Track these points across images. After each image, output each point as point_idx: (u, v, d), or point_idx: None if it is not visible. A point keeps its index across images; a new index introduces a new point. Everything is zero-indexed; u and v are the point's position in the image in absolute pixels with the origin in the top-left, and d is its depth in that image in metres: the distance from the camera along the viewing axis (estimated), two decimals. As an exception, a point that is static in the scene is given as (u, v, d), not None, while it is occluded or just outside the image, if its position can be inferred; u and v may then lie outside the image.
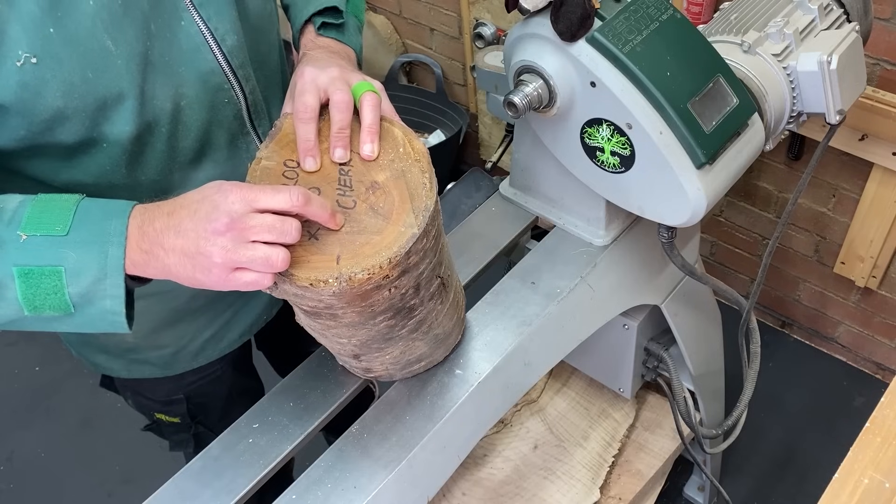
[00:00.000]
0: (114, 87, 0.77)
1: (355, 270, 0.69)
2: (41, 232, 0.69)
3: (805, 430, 2.00)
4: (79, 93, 0.75)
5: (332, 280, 0.69)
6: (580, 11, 0.84)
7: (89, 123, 0.78)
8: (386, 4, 2.56)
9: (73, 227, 0.69)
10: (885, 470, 0.83)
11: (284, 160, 0.77)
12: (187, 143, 0.87)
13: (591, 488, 1.46)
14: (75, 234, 0.69)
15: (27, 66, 0.71)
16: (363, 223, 0.73)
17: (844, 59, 1.03)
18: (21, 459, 2.16)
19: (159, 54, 0.80)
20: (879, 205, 1.74)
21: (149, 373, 1.13)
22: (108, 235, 0.69)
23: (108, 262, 0.69)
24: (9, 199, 0.72)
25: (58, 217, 0.70)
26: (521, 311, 1.00)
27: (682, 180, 0.89)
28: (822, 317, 2.13)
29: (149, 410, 1.23)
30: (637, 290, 1.19)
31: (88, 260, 0.69)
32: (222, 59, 0.86)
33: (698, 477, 1.88)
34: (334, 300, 0.73)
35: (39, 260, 0.69)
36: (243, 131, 0.92)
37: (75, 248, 0.69)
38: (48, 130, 0.76)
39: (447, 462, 0.94)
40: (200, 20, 0.83)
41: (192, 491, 0.87)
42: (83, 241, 0.69)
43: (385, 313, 0.79)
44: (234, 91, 0.89)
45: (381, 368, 0.92)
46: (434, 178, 0.76)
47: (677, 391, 1.37)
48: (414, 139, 0.79)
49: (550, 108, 0.93)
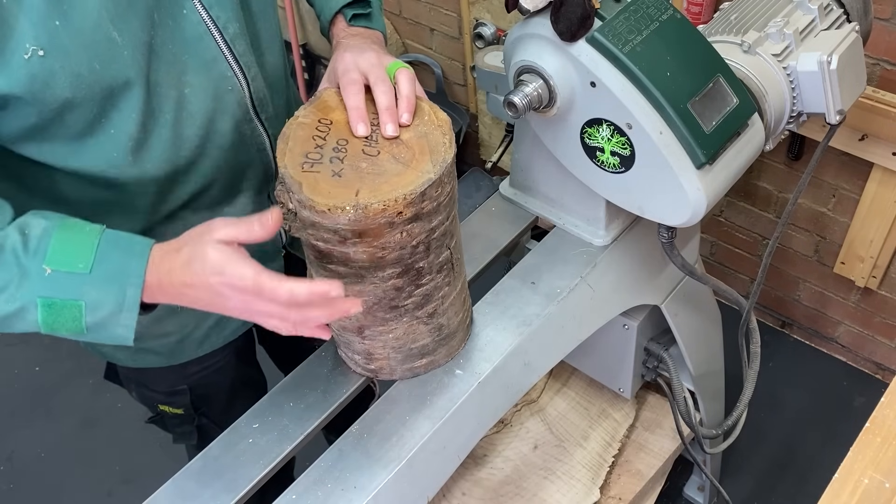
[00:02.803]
0: (120, 77, 0.79)
1: (371, 201, 0.74)
2: (65, 268, 0.74)
3: (805, 430, 2.00)
4: (86, 83, 0.76)
5: (350, 207, 0.74)
6: (580, 11, 0.84)
7: (97, 110, 0.79)
8: (386, 4, 2.56)
9: (95, 265, 0.74)
10: (885, 470, 0.83)
11: (318, 119, 0.84)
12: (192, 130, 0.88)
13: (591, 488, 1.46)
14: (97, 272, 0.74)
15: (35, 58, 0.72)
16: (384, 167, 0.79)
17: (844, 59, 1.03)
18: (21, 459, 2.16)
19: (162, 43, 0.82)
20: (879, 205, 1.74)
21: (153, 362, 1.13)
22: (128, 276, 0.75)
23: (126, 300, 0.75)
24: (33, 224, 0.75)
25: (81, 253, 0.74)
26: (521, 311, 1.00)
27: (682, 180, 0.89)
28: (822, 317, 2.13)
29: (152, 402, 1.24)
30: (637, 290, 1.19)
31: (107, 297, 0.75)
32: (225, 47, 0.88)
33: (698, 477, 1.88)
34: (349, 231, 0.76)
35: (62, 294, 0.74)
36: (247, 119, 0.94)
37: (96, 285, 0.74)
38: (58, 117, 0.78)
39: (447, 462, 0.94)
40: (202, 8, 0.84)
41: (192, 491, 0.87)
42: (104, 279, 0.74)
43: (394, 266, 0.81)
44: (237, 79, 0.90)
45: (382, 355, 0.92)
46: (453, 139, 0.83)
47: (677, 391, 1.37)
48: (439, 111, 0.87)
49: (550, 108, 0.93)
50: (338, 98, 0.87)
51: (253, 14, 0.92)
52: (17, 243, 0.74)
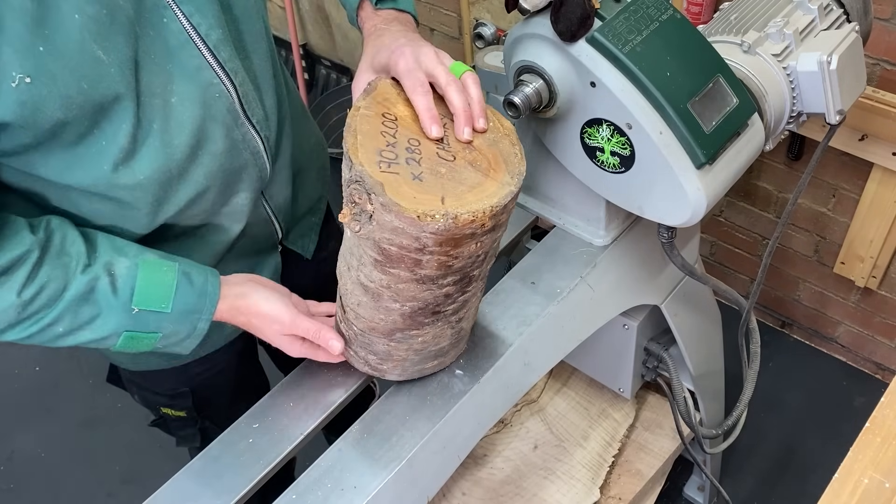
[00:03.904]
0: (110, 94, 0.78)
1: (461, 211, 0.72)
2: (151, 308, 0.87)
3: (805, 430, 2.00)
4: (77, 103, 0.76)
5: (440, 216, 0.71)
6: (580, 11, 0.84)
7: (88, 124, 0.79)
8: (386, 4, 2.55)
9: (174, 305, 0.88)
10: (885, 470, 0.83)
11: (381, 112, 0.82)
12: (181, 139, 0.87)
13: (591, 488, 1.46)
14: (175, 310, 0.88)
15: (22, 85, 0.71)
16: (462, 175, 0.77)
17: (844, 59, 1.03)
18: (21, 459, 2.16)
19: (145, 54, 0.81)
20: (879, 205, 1.74)
21: (155, 364, 1.13)
22: (200, 314, 0.90)
23: (195, 331, 0.91)
24: (117, 264, 0.86)
25: (163, 294, 0.87)
26: (521, 311, 1.00)
27: (682, 180, 0.89)
28: (822, 317, 2.13)
29: (155, 405, 1.23)
30: (637, 290, 1.19)
31: (181, 329, 0.90)
32: (209, 54, 0.86)
33: (698, 477, 1.88)
34: (430, 240, 0.74)
35: (145, 328, 0.88)
36: (238, 123, 0.92)
37: (173, 321, 0.89)
38: (52, 135, 0.78)
39: (447, 462, 0.94)
40: (183, 17, 0.83)
41: (192, 491, 0.87)
42: (180, 315, 0.89)
43: (455, 274, 0.79)
44: (224, 85, 0.89)
45: (402, 357, 0.89)
46: (523, 151, 0.82)
47: (677, 391, 1.37)
48: (502, 118, 0.86)
49: (550, 108, 0.93)
50: (395, 91, 0.84)
51: (236, 19, 0.91)
52: (107, 286, 0.84)
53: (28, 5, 0.70)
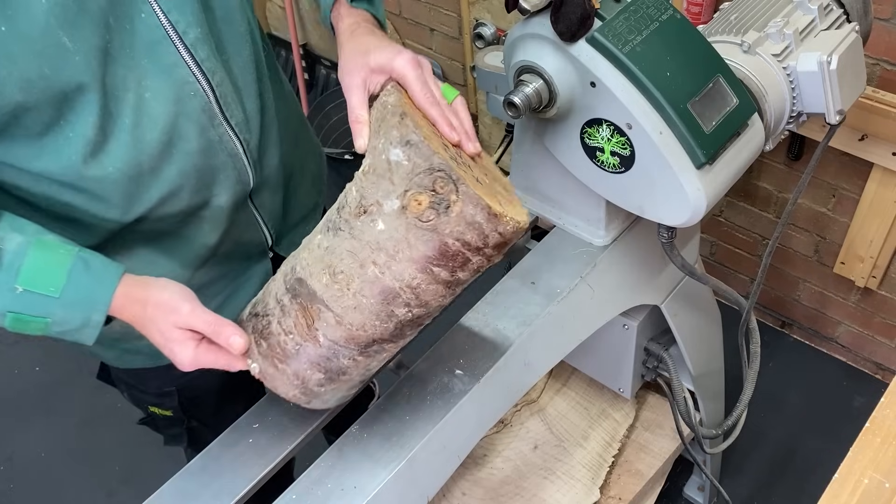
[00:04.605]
0: (73, 82, 0.78)
1: (519, 219, 0.75)
2: (36, 290, 0.79)
3: (805, 430, 2.00)
4: (38, 88, 0.76)
5: (509, 218, 0.74)
6: (580, 11, 0.84)
7: (53, 112, 0.79)
8: (386, 4, 2.55)
9: (65, 290, 0.80)
10: (885, 470, 0.83)
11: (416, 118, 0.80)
12: (153, 135, 0.86)
13: (591, 488, 1.46)
14: (65, 296, 0.80)
15: None
16: (495, 188, 0.79)
17: (844, 59, 1.03)
18: (21, 459, 2.16)
19: (119, 47, 0.80)
20: (879, 205, 1.74)
21: (141, 363, 1.13)
22: (94, 303, 0.81)
23: (90, 321, 0.82)
24: (8, 238, 0.79)
25: (53, 277, 0.79)
26: (521, 311, 1.00)
27: (682, 180, 0.89)
28: (822, 317, 2.13)
29: (143, 403, 1.23)
30: (637, 290, 1.19)
31: (73, 317, 0.82)
32: (185, 52, 0.85)
33: (698, 477, 1.88)
34: (494, 241, 0.75)
35: (30, 311, 0.80)
36: (214, 123, 0.91)
37: (63, 307, 0.80)
38: (13, 119, 0.77)
39: (447, 462, 0.94)
40: (161, 12, 0.83)
41: (192, 491, 0.87)
42: (71, 303, 0.80)
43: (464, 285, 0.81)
44: (199, 84, 0.88)
45: (348, 378, 0.85)
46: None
47: (677, 391, 1.37)
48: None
49: (550, 108, 0.93)
50: (405, 98, 0.82)
51: (217, 19, 0.90)
52: None
53: None
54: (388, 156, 0.74)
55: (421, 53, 0.87)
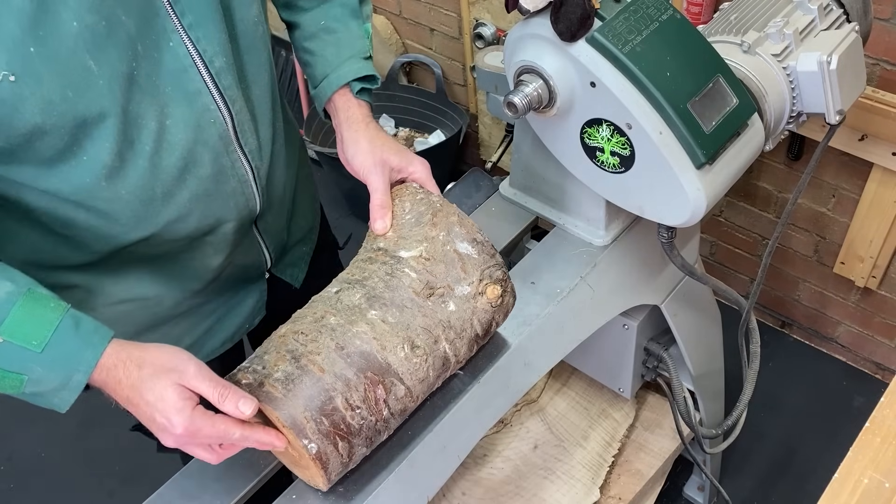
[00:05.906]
0: (94, 107, 0.77)
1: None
2: (18, 342, 0.73)
3: (805, 429, 2.00)
4: (58, 111, 0.75)
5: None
6: (580, 11, 0.84)
7: (69, 139, 0.78)
8: (386, 4, 2.56)
9: (49, 346, 0.74)
10: (885, 470, 0.83)
11: None
12: (170, 161, 0.87)
13: (591, 488, 1.46)
14: (48, 354, 0.74)
15: (5, 83, 0.71)
16: None
17: (844, 59, 1.03)
18: (21, 459, 2.16)
19: (146, 75, 0.81)
20: (879, 205, 1.74)
21: None
22: (77, 364, 0.75)
23: (70, 383, 0.76)
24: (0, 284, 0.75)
25: (37, 331, 0.74)
26: (521, 311, 1.00)
27: (682, 180, 0.89)
28: (821, 317, 2.13)
29: None
30: (637, 290, 1.19)
31: (52, 377, 0.75)
32: (210, 80, 0.86)
33: (698, 477, 1.88)
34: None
35: (7, 365, 0.74)
36: (228, 150, 0.92)
37: (44, 365, 0.74)
38: (27, 143, 0.77)
39: (447, 462, 0.94)
40: (189, 42, 0.83)
41: (192, 491, 0.87)
42: (53, 361, 0.74)
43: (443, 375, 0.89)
44: (220, 112, 0.89)
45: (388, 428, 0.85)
46: None
47: (677, 391, 1.37)
48: None
49: (550, 108, 0.93)
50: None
51: (241, 48, 0.91)
52: None
53: (27, 6, 0.70)
54: (456, 248, 0.86)
55: (421, 53, 0.88)
